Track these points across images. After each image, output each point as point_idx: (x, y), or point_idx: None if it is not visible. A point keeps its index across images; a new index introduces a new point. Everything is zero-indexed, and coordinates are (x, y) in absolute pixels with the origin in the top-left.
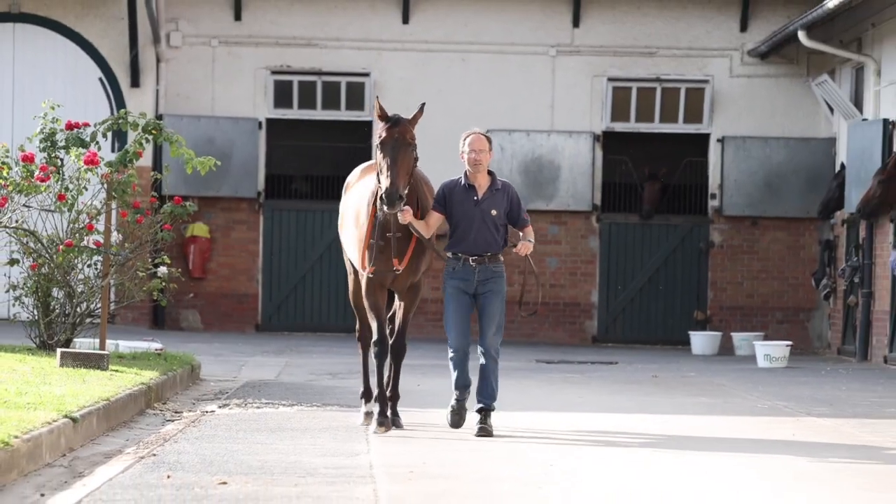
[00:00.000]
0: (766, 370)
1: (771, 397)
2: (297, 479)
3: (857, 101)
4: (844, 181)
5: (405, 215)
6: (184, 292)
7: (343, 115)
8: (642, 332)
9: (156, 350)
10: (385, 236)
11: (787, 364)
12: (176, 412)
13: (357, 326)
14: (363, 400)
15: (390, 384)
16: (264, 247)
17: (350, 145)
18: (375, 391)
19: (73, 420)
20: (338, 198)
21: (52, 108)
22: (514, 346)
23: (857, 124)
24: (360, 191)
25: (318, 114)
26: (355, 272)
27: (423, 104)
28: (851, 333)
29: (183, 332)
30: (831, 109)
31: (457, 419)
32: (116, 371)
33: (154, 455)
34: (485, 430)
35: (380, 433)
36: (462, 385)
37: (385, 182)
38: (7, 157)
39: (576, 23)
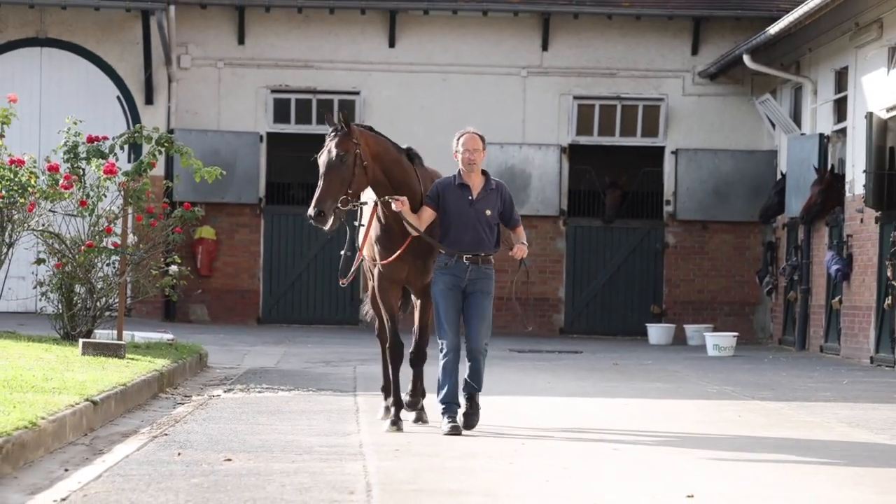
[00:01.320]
0: (715, 358)
1: (720, 383)
2: (294, 456)
3: (796, 118)
4: (782, 189)
5: (398, 204)
6: (192, 289)
7: None
8: (604, 324)
9: (167, 340)
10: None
11: (734, 353)
12: (185, 396)
13: (377, 324)
14: (384, 393)
15: (413, 386)
16: (265, 248)
17: None
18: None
19: (94, 403)
20: None
21: (75, 124)
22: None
23: (796, 138)
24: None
25: (313, 128)
26: (373, 276)
27: (343, 112)
28: (791, 325)
29: (192, 324)
30: (773, 125)
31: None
32: (132, 359)
33: (166, 435)
34: (473, 417)
35: (391, 432)
36: (452, 402)
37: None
38: (35, 167)
39: (545, 47)
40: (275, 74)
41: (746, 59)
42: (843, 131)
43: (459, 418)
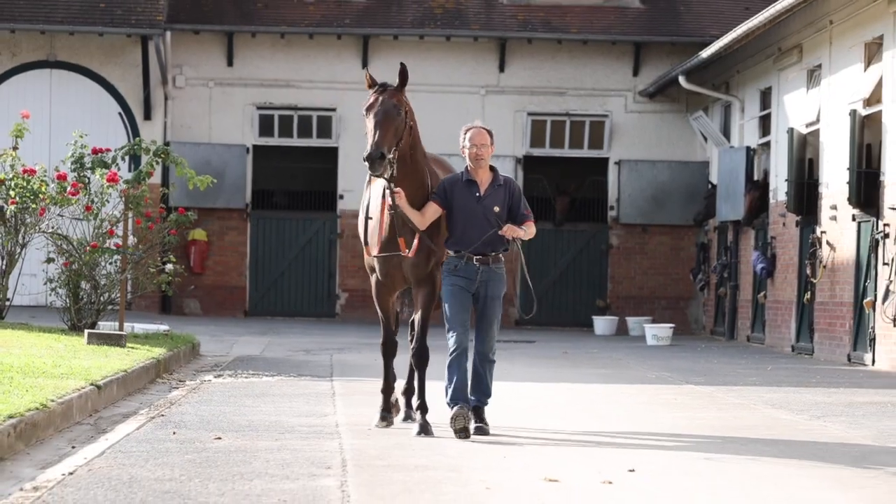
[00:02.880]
0: (653, 347)
1: (658, 369)
2: (277, 435)
3: (726, 132)
4: (710, 196)
5: (397, 198)
6: (186, 285)
7: (314, 142)
8: (555, 316)
9: (163, 331)
10: (389, 213)
11: (671, 342)
12: (180, 381)
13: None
14: (383, 396)
15: (416, 392)
16: (251, 248)
17: (320, 166)
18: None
19: (98, 387)
20: (311, 209)
21: (81, 137)
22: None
23: (726, 150)
24: (379, 185)
25: (295, 141)
26: (374, 272)
27: (402, 63)
28: (721, 318)
29: (185, 316)
30: (705, 139)
31: (465, 435)
32: (132, 348)
33: (162, 416)
34: (482, 430)
35: (381, 427)
36: (461, 399)
37: (368, 144)
38: (45, 176)
39: (501, 69)
40: (260, 93)
41: (681, 79)
42: (767, 144)
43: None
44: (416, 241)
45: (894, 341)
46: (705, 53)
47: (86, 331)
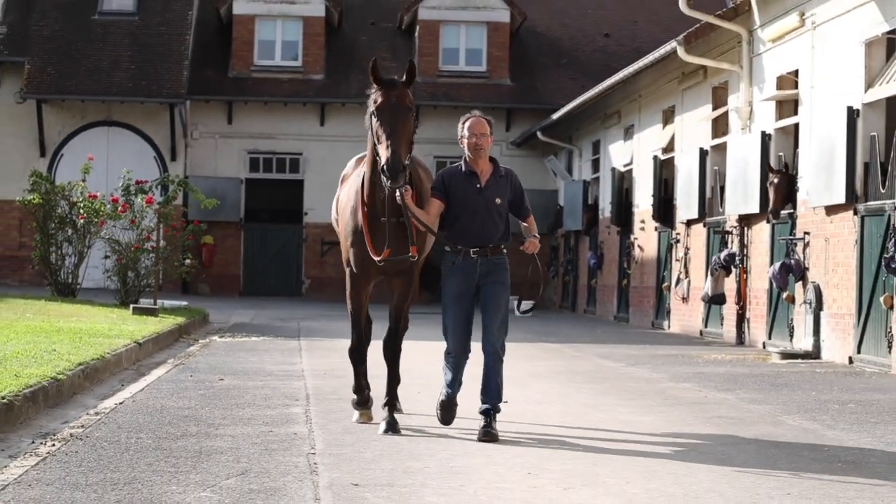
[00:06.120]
0: (520, 318)
1: (522, 332)
2: (262, 377)
3: (570, 170)
4: (560, 214)
5: (406, 196)
6: (199, 274)
7: (288, 176)
8: None
9: (184, 306)
10: (380, 221)
11: (532, 315)
12: (195, 340)
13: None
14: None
15: (386, 389)
16: (243, 249)
17: (292, 193)
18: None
19: (139, 344)
20: (285, 222)
21: (128, 173)
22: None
23: (570, 183)
24: (354, 181)
25: (274, 175)
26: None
27: (411, 61)
28: (566, 297)
29: (199, 296)
30: (555, 175)
31: (447, 416)
32: (163, 317)
33: (183, 364)
34: (490, 435)
35: (362, 421)
36: (455, 383)
37: (385, 153)
38: (104, 199)
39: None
40: (250, 142)
41: (539, 134)
42: (597, 179)
43: (453, 415)
44: (414, 236)
45: (683, 313)
46: (555, 116)
47: (131, 305)
